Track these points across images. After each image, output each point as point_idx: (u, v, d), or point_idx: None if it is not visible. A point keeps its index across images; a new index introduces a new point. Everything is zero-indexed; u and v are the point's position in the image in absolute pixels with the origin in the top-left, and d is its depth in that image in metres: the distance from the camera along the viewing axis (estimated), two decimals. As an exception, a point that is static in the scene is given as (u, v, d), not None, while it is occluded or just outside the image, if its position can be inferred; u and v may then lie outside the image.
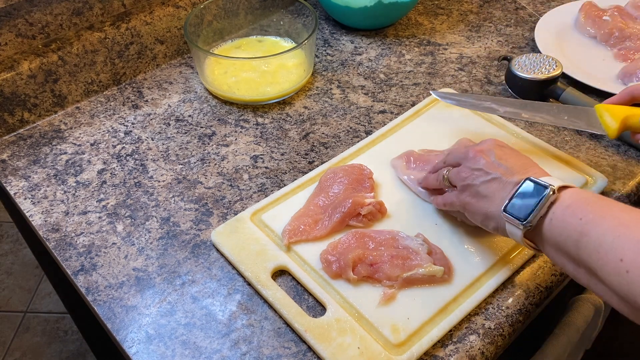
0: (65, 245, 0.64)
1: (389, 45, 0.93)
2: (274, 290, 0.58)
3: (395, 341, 0.54)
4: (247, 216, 0.66)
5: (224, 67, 0.84)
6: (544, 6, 1.02)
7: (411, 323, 0.55)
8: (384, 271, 0.58)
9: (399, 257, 0.59)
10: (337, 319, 0.56)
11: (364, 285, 0.58)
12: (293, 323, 0.56)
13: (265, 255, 0.62)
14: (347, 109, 0.82)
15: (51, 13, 0.78)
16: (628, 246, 0.42)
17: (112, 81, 0.85)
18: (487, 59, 0.90)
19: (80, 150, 0.76)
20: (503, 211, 0.52)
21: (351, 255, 0.58)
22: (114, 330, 0.57)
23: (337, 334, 0.55)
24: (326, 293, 0.58)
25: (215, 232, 0.64)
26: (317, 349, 0.54)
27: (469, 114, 0.78)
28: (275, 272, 0.61)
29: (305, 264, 0.61)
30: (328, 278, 0.59)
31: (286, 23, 0.92)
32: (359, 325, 0.55)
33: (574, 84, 0.82)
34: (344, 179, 0.67)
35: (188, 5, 0.88)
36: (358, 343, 0.54)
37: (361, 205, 0.63)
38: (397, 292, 0.58)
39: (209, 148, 0.76)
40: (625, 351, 1.16)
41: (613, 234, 0.44)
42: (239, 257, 0.61)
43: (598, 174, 0.69)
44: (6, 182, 0.71)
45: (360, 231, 0.62)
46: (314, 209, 0.65)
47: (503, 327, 0.57)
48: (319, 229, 0.63)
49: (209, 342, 0.56)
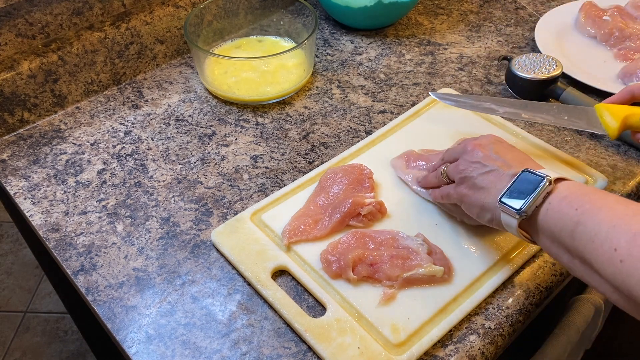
0: (65, 245, 0.64)
1: (389, 45, 0.93)
2: (274, 290, 0.58)
3: (395, 341, 0.54)
4: (247, 216, 0.66)
5: (224, 67, 0.84)
6: (544, 6, 1.02)
7: (411, 323, 0.55)
8: (384, 271, 0.58)
9: (399, 257, 0.59)
10: (337, 319, 0.56)
11: (364, 285, 0.58)
12: (293, 323, 0.56)
13: (265, 255, 0.61)
14: (347, 109, 0.81)
15: (51, 13, 0.78)
16: (623, 237, 0.43)
17: (112, 81, 0.85)
18: (487, 59, 0.90)
19: (80, 150, 0.76)
20: (499, 201, 0.53)
21: (351, 255, 0.58)
22: (114, 330, 0.57)
23: (337, 334, 0.54)
24: (326, 293, 0.58)
25: (215, 232, 0.64)
26: (317, 349, 0.54)
27: (469, 114, 0.78)
28: (275, 272, 0.61)
29: (305, 264, 0.61)
30: (328, 278, 0.59)
31: (286, 23, 0.92)
32: (359, 325, 0.55)
33: (574, 84, 0.82)
34: (344, 178, 0.67)
35: (188, 5, 0.88)
36: (358, 343, 0.54)
37: (361, 205, 0.63)
38: (397, 292, 0.58)
39: (209, 148, 0.76)
40: (625, 351, 1.16)
41: (608, 224, 0.44)
42: (239, 257, 0.61)
43: (598, 174, 0.69)
44: (6, 182, 0.71)
45: (360, 231, 0.62)
46: (314, 208, 0.65)
47: (503, 327, 0.57)
48: (319, 229, 0.63)
49: (209, 342, 0.56)
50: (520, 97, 0.82)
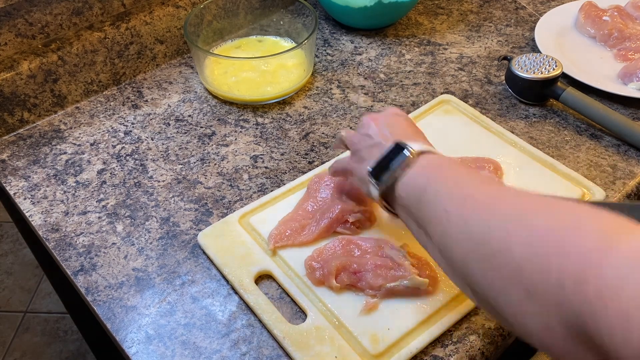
0: (65, 245, 0.64)
1: (389, 45, 0.93)
2: (256, 295, 0.58)
3: (374, 351, 0.53)
4: (235, 219, 0.65)
5: (224, 67, 0.84)
6: (544, 6, 1.02)
7: (391, 334, 0.54)
8: (367, 280, 0.57)
9: (384, 267, 0.58)
10: (317, 326, 0.55)
11: (347, 294, 0.58)
12: (272, 329, 0.55)
13: (250, 259, 0.61)
14: (347, 109, 0.81)
15: (51, 13, 0.78)
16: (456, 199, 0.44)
17: (112, 81, 0.85)
18: (487, 58, 0.90)
19: (80, 150, 0.76)
20: (368, 173, 0.53)
21: (334, 263, 0.57)
22: (114, 330, 0.57)
23: (316, 342, 0.54)
24: (308, 300, 0.57)
25: (201, 234, 0.63)
26: (294, 357, 0.53)
27: (468, 121, 0.77)
28: (260, 276, 0.60)
29: (289, 269, 0.60)
30: (312, 285, 0.58)
31: (286, 23, 0.92)
32: (338, 334, 0.54)
33: (574, 84, 0.82)
34: (329, 182, 0.66)
35: (188, 5, 0.88)
36: (336, 352, 0.53)
37: (349, 212, 0.63)
38: (380, 301, 0.57)
39: (209, 148, 0.76)
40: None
41: (448, 190, 0.45)
42: (224, 260, 0.61)
43: (596, 188, 0.68)
44: (6, 182, 0.71)
45: (346, 238, 0.61)
46: (303, 213, 0.65)
47: (503, 327, 0.57)
48: (305, 234, 0.63)
49: (208, 342, 0.56)
50: (520, 97, 0.82)
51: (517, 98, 0.82)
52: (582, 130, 0.78)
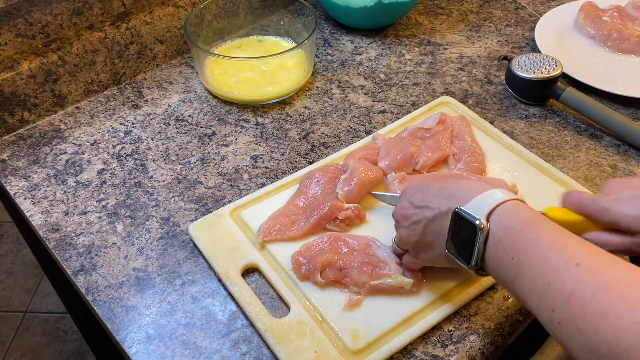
0: (65, 245, 0.64)
1: (389, 45, 0.93)
2: (241, 288, 0.58)
3: (354, 348, 0.53)
4: (226, 212, 0.65)
5: (224, 67, 0.84)
6: (544, 6, 1.02)
7: (372, 331, 0.54)
8: (352, 277, 0.57)
9: (369, 264, 0.58)
10: (299, 320, 0.55)
11: (332, 290, 0.58)
12: (255, 322, 0.56)
13: (238, 252, 0.61)
14: (347, 109, 0.82)
15: (51, 13, 0.78)
16: (558, 298, 0.41)
17: (112, 81, 0.85)
18: (487, 58, 0.90)
19: (80, 150, 0.76)
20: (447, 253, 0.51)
21: (320, 259, 0.58)
22: (114, 330, 0.57)
23: (296, 336, 0.54)
24: (292, 294, 0.58)
25: (193, 225, 0.64)
26: (274, 350, 0.54)
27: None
28: (247, 270, 0.61)
29: (276, 263, 0.61)
30: (297, 279, 0.59)
31: (286, 23, 0.92)
32: (319, 329, 0.55)
33: (574, 84, 0.82)
34: (321, 178, 0.67)
35: (188, 5, 0.88)
36: (315, 347, 0.53)
37: (339, 209, 0.63)
38: (363, 298, 0.57)
39: (209, 148, 0.76)
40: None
41: (542, 280, 0.42)
42: (212, 252, 0.61)
43: None
44: (6, 182, 0.71)
45: (335, 234, 0.62)
46: (293, 209, 0.65)
47: (503, 327, 0.57)
48: (294, 229, 0.63)
49: (209, 342, 0.56)
50: (520, 97, 0.82)
51: (517, 98, 0.82)
52: (582, 130, 0.78)
